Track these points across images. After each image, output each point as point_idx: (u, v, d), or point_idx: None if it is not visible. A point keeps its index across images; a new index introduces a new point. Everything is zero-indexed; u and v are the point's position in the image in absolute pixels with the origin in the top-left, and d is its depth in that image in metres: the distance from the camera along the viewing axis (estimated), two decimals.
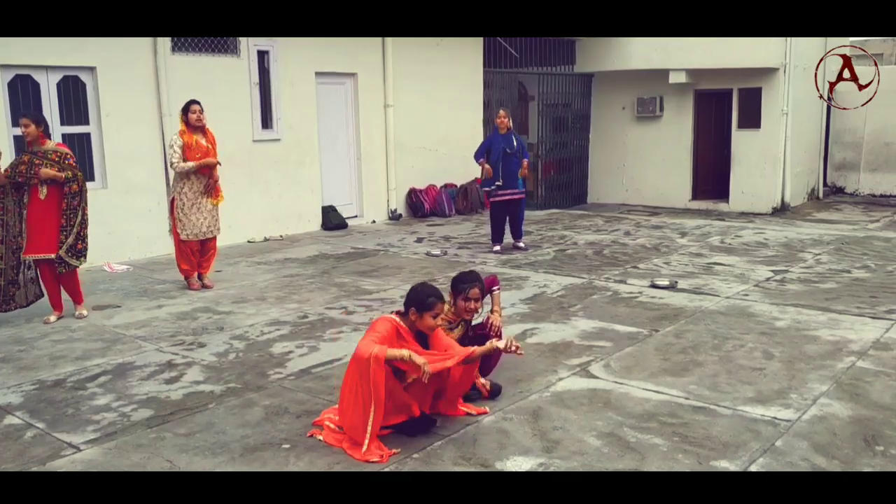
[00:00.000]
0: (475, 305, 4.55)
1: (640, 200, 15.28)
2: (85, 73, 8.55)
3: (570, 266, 8.32)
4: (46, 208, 6.36)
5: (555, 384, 4.79)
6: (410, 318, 4.06)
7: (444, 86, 12.41)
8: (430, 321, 4.04)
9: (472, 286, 4.54)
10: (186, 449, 3.96)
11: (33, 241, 6.36)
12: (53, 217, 6.37)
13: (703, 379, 4.85)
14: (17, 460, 3.86)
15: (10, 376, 5.12)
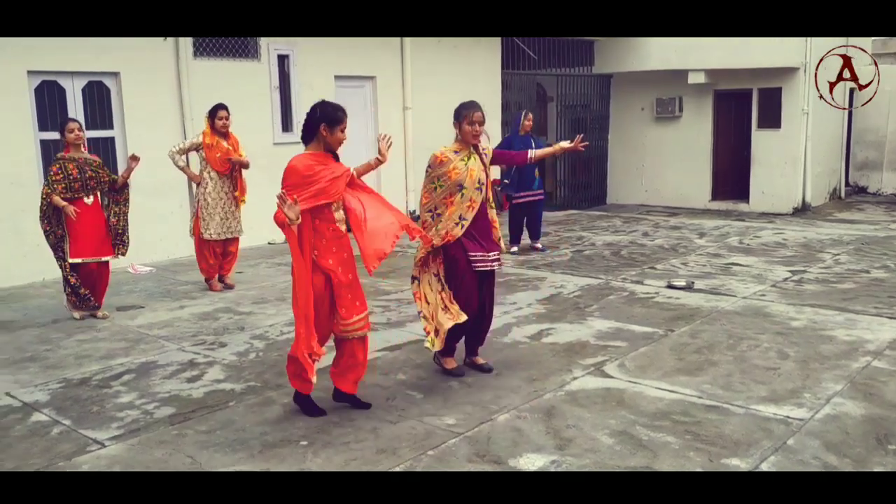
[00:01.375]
0: (479, 129, 4.80)
1: (659, 201, 15.25)
2: (109, 79, 8.72)
3: (587, 267, 8.35)
4: (96, 213, 6.56)
5: (569, 383, 4.85)
6: (323, 136, 4.24)
7: (462, 87, 12.44)
8: (340, 136, 4.25)
9: (475, 110, 4.81)
10: (207, 445, 4.06)
11: (86, 245, 6.53)
12: (102, 220, 6.66)
13: (717, 378, 4.88)
14: (44, 456, 3.98)
15: (37, 375, 5.26)
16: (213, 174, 7.51)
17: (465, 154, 4.86)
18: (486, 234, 4.95)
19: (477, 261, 4.90)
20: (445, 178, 4.81)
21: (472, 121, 4.79)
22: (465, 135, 4.83)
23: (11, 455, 4.00)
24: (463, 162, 4.82)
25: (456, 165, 4.80)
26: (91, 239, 6.55)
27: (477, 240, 4.88)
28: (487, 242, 4.94)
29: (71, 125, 6.43)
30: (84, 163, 6.44)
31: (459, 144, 4.88)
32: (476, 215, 4.86)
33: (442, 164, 4.82)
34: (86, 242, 6.53)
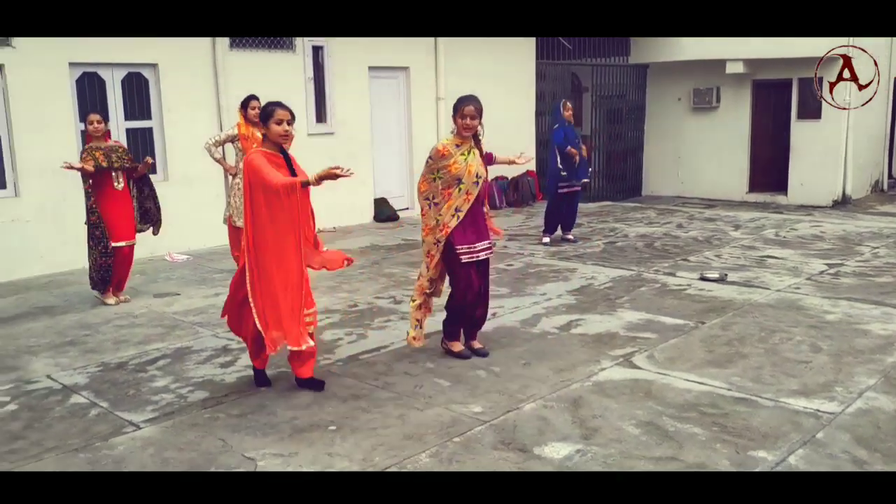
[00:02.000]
0: (472, 122, 4.92)
1: (695, 193, 15.10)
2: (147, 70, 8.88)
3: (619, 258, 8.31)
4: (124, 197, 6.76)
5: (597, 374, 4.85)
6: (265, 135, 4.47)
7: (496, 78, 12.44)
8: (275, 128, 4.39)
9: (468, 104, 4.94)
10: (238, 429, 4.15)
11: (118, 230, 6.75)
12: (130, 205, 6.89)
13: (747, 371, 4.84)
14: (82, 436, 4.11)
15: (76, 358, 5.41)
16: None
17: (465, 148, 5.00)
18: (477, 223, 5.10)
19: (462, 252, 5.03)
20: (445, 171, 4.97)
21: (464, 114, 4.93)
22: (459, 128, 4.97)
23: (51, 435, 4.13)
24: (463, 157, 4.97)
25: (456, 160, 4.95)
26: (126, 222, 6.79)
27: (466, 230, 5.01)
28: (477, 232, 5.08)
29: (91, 117, 6.67)
30: (110, 150, 6.63)
31: (459, 138, 5.01)
32: (473, 206, 5.04)
33: (443, 157, 4.97)
34: (122, 226, 6.74)
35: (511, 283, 7.26)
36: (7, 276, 7.88)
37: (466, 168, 4.95)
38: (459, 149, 4.98)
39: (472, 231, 5.04)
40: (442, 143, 5.07)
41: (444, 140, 5.11)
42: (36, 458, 3.85)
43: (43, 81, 7.99)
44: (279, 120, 4.39)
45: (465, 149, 4.99)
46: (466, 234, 5.01)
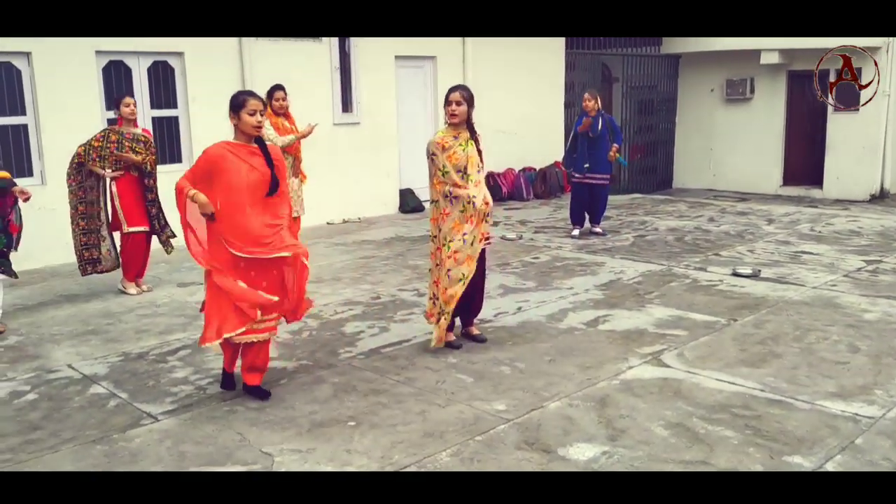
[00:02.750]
0: (457, 108, 4.92)
1: (727, 186, 14.82)
2: (174, 59, 8.85)
3: (648, 252, 8.13)
4: (136, 185, 6.71)
5: (624, 372, 4.71)
6: (237, 128, 4.16)
7: (524, 67, 12.29)
8: (248, 119, 4.08)
9: (452, 90, 4.99)
10: (256, 423, 4.07)
11: (132, 215, 6.70)
12: (141, 193, 6.78)
13: (782, 371, 4.67)
14: (100, 427, 4.06)
15: (98, 348, 5.38)
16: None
17: (463, 139, 4.98)
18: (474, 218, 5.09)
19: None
20: (449, 164, 4.94)
21: (448, 100, 4.97)
22: (447, 116, 5.00)
23: (69, 425, 4.09)
24: (462, 147, 4.96)
25: (455, 151, 4.95)
26: (140, 208, 6.71)
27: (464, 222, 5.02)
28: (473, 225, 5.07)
29: (128, 100, 6.60)
30: (131, 138, 6.56)
31: (452, 129, 5.00)
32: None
33: (444, 149, 4.95)
34: (136, 212, 6.68)
35: (537, 277, 7.12)
36: (34, 263, 7.89)
37: (467, 160, 4.97)
38: (457, 140, 4.97)
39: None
40: (438, 135, 5.05)
41: (438, 133, 5.07)
42: (53, 450, 3.80)
43: (70, 69, 7.98)
44: (252, 110, 4.09)
45: (463, 140, 4.98)
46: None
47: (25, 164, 8.02)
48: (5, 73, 7.79)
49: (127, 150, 6.55)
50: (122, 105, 6.59)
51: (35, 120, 7.95)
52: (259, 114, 4.11)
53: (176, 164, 9.01)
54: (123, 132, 6.59)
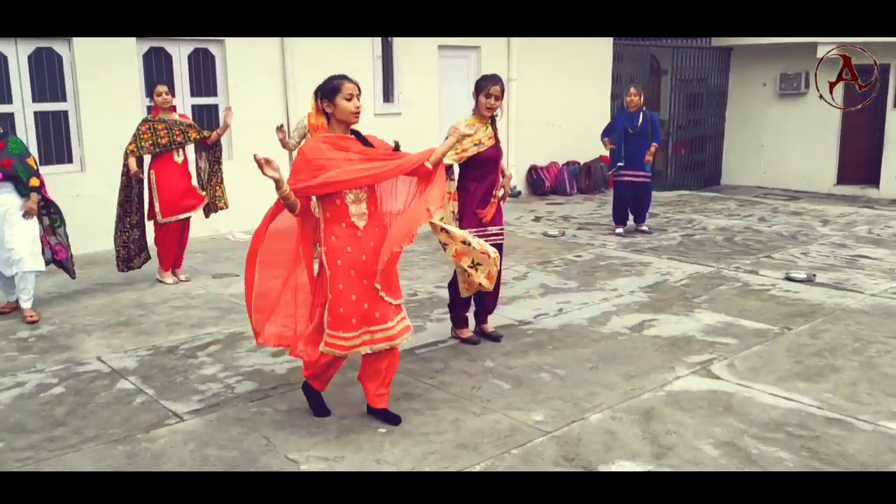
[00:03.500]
0: (496, 103, 4.78)
1: (778, 183, 14.32)
2: (214, 46, 8.75)
3: (696, 253, 7.82)
4: (183, 171, 6.64)
5: (671, 383, 4.45)
6: (331, 115, 3.69)
7: (570, 58, 11.98)
8: (345, 105, 3.64)
9: (494, 83, 4.78)
10: (284, 426, 3.92)
11: (171, 204, 6.61)
12: (188, 179, 6.77)
13: (840, 387, 4.37)
14: (124, 426, 3.95)
15: (128, 340, 5.29)
16: None
17: (482, 126, 4.83)
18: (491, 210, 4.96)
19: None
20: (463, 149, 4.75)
21: (489, 94, 4.76)
22: (481, 107, 4.80)
23: (93, 422, 3.98)
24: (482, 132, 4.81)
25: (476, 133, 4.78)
26: (178, 197, 6.64)
27: (475, 213, 4.89)
28: (489, 217, 4.94)
29: (159, 88, 6.48)
30: (173, 124, 6.47)
31: (478, 118, 4.84)
32: (485, 189, 4.90)
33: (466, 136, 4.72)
34: (173, 201, 6.60)
35: (580, 277, 6.87)
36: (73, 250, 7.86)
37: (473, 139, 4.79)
38: (476, 127, 4.82)
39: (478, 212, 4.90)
40: (460, 122, 4.73)
41: (462, 119, 4.85)
42: (74, 449, 3.70)
43: (110, 56, 7.92)
44: (349, 94, 3.63)
45: (481, 126, 4.84)
46: (475, 217, 4.88)
47: (65, 151, 8.01)
48: (47, 59, 7.76)
49: (178, 135, 6.49)
50: (155, 94, 6.48)
51: (75, 106, 7.92)
52: (357, 98, 3.68)
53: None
54: (165, 119, 6.48)
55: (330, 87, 3.68)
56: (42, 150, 7.86)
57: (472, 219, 4.88)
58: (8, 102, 7.59)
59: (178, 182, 6.66)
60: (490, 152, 4.86)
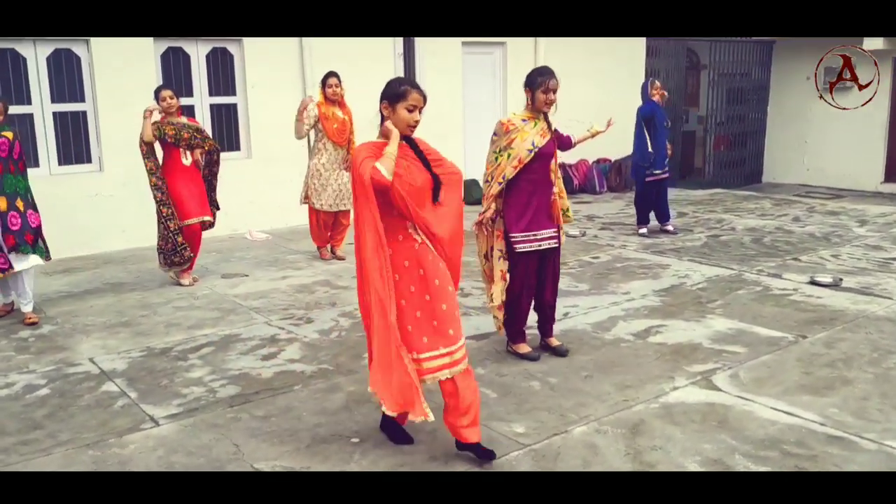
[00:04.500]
0: (553, 97, 4.50)
1: (822, 181, 13.79)
2: (232, 45, 8.75)
3: (720, 254, 7.52)
4: (193, 173, 6.60)
5: (667, 394, 4.24)
6: (386, 119, 3.38)
7: (601, 54, 11.70)
8: (405, 116, 3.34)
9: (551, 77, 4.49)
10: (257, 433, 3.83)
11: (186, 207, 6.56)
12: (200, 181, 6.68)
13: (849, 401, 4.11)
14: (100, 430, 3.91)
15: (125, 341, 5.28)
16: (329, 144, 7.33)
17: (532, 123, 4.53)
18: (538, 207, 4.58)
19: (518, 241, 4.56)
20: (509, 147, 4.50)
21: (548, 88, 4.47)
22: (539, 103, 4.51)
23: (70, 426, 3.95)
24: (532, 127, 4.51)
25: (523, 130, 4.49)
26: (194, 199, 6.59)
27: (523, 214, 4.53)
28: (538, 218, 4.57)
29: (163, 93, 6.38)
30: (181, 127, 6.41)
31: (529, 112, 4.56)
32: (532, 188, 4.54)
33: (508, 132, 4.51)
34: (190, 203, 6.56)
35: (593, 279, 6.65)
36: (89, 249, 7.98)
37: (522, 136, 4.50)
38: (527, 123, 4.52)
39: (531, 215, 4.54)
40: (508, 115, 4.63)
41: (510, 113, 4.65)
42: (45, 453, 3.66)
43: (128, 55, 7.97)
44: (412, 106, 3.34)
45: (533, 123, 4.53)
46: (523, 218, 4.53)
47: (84, 151, 8.09)
48: (65, 60, 7.84)
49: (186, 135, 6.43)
50: (159, 99, 6.40)
51: (94, 107, 7.99)
52: (419, 112, 3.38)
53: (234, 153, 8.95)
54: (174, 122, 6.43)
55: (395, 91, 3.38)
56: (61, 151, 7.95)
57: (519, 223, 4.53)
58: (27, 103, 7.69)
59: (189, 186, 6.56)
60: (546, 148, 4.54)
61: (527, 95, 4.57)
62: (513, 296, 4.67)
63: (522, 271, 4.62)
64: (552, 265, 4.75)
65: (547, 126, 4.57)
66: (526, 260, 4.60)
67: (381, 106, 3.43)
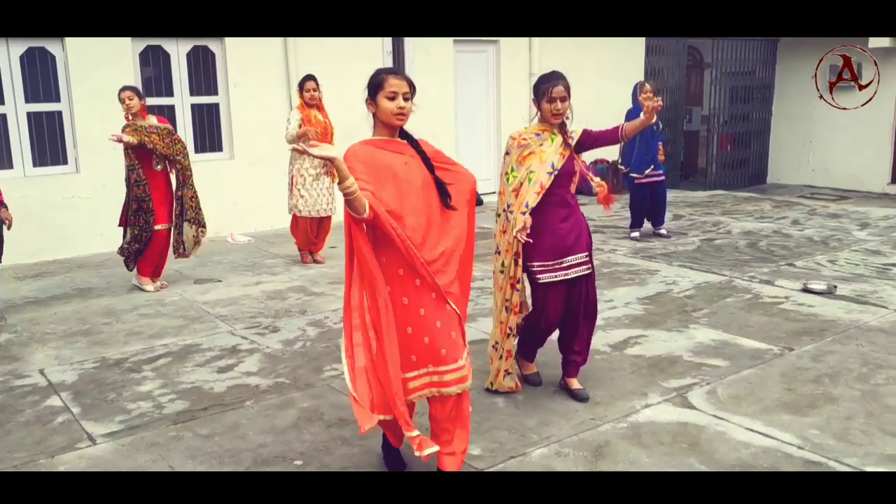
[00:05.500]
0: (562, 106, 3.87)
1: (827, 182, 13.45)
2: (214, 43, 8.55)
3: (712, 259, 7.25)
4: (164, 180, 6.39)
5: (638, 412, 3.99)
6: (375, 116, 3.12)
7: (597, 52, 11.44)
8: (386, 105, 3.04)
9: (555, 84, 3.87)
10: (196, 455, 3.61)
11: (164, 211, 6.39)
12: (169, 189, 6.44)
13: (832, 421, 3.84)
14: (33, 449, 3.70)
15: (80, 351, 5.08)
16: None
17: (547, 136, 3.96)
18: (560, 231, 3.99)
19: (538, 270, 3.99)
20: (522, 166, 3.95)
21: (552, 97, 3.87)
22: (546, 115, 3.93)
23: (2, 445, 3.75)
24: (544, 145, 3.93)
25: (533, 150, 3.92)
26: (167, 205, 6.38)
27: (543, 240, 3.94)
28: (561, 243, 3.98)
29: (122, 94, 6.15)
30: (151, 131, 6.17)
31: (543, 125, 4.00)
32: (553, 209, 3.96)
33: (520, 147, 3.96)
34: (163, 209, 6.36)
35: None
36: (66, 252, 7.80)
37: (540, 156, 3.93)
38: (540, 137, 3.95)
39: (552, 241, 3.96)
40: (518, 131, 4.07)
41: (521, 128, 4.11)
42: None
43: (105, 55, 7.78)
44: (392, 93, 3.05)
45: (547, 136, 3.96)
46: (543, 245, 3.96)
47: (60, 152, 7.92)
48: (39, 59, 7.67)
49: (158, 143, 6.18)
50: (120, 100, 6.16)
51: (69, 107, 7.81)
52: (402, 98, 3.07)
53: (216, 153, 8.77)
54: (140, 126, 6.17)
55: (373, 82, 3.11)
56: (36, 152, 7.78)
57: (540, 250, 3.98)
58: (1, 103, 7.51)
59: (159, 190, 6.36)
60: (566, 167, 3.96)
61: (535, 107, 4.03)
62: (530, 320, 4.17)
63: (540, 303, 4.05)
64: (584, 295, 4.11)
65: (563, 141, 3.98)
66: (545, 291, 4.03)
67: (366, 103, 3.14)
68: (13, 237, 6.92)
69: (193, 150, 8.46)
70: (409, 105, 3.11)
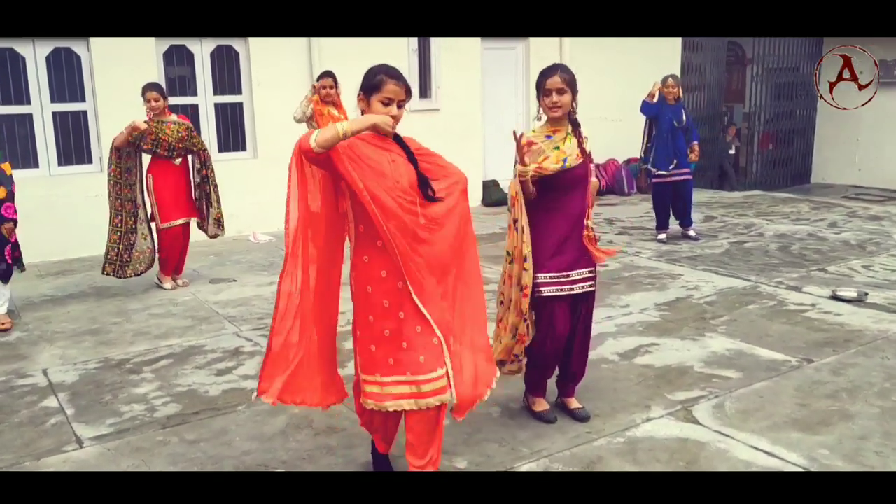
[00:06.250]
0: (558, 98, 3.61)
1: (874, 182, 12.98)
2: (238, 42, 8.55)
3: (739, 263, 6.99)
4: (181, 175, 6.44)
5: (637, 426, 3.82)
6: (364, 112, 3.00)
7: (633, 48, 11.14)
8: (379, 109, 2.91)
9: (550, 76, 3.64)
10: (179, 461, 3.56)
11: (173, 208, 6.40)
12: (187, 184, 6.52)
13: (844, 441, 3.62)
14: (21, 451, 3.70)
15: (85, 351, 5.09)
16: None
17: (560, 137, 3.68)
18: (568, 241, 3.73)
19: (543, 283, 3.70)
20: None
21: (547, 89, 3.63)
22: (544, 108, 3.70)
23: None
24: (556, 147, 3.65)
25: (548, 156, 3.63)
26: (177, 201, 6.43)
27: (550, 250, 3.70)
28: (568, 254, 3.73)
29: (148, 94, 6.19)
30: (173, 126, 6.23)
31: (550, 125, 3.74)
32: (560, 218, 3.72)
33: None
34: (175, 205, 6.39)
35: None
36: (88, 251, 7.86)
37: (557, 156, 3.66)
38: (551, 139, 3.68)
39: (559, 251, 3.72)
40: (529, 132, 3.80)
41: (531, 129, 3.83)
42: None
43: (129, 54, 7.83)
44: (387, 99, 2.93)
45: (560, 138, 3.69)
46: (549, 255, 3.71)
47: (85, 151, 8.00)
48: (65, 59, 7.75)
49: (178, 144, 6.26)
50: (145, 100, 6.21)
51: (94, 106, 7.89)
52: (396, 106, 2.94)
53: (240, 153, 8.78)
54: (164, 121, 6.20)
55: (370, 81, 2.97)
56: (61, 151, 7.88)
57: (546, 261, 3.71)
58: (27, 103, 7.62)
59: (176, 185, 6.43)
60: (577, 170, 3.69)
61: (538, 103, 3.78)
62: (534, 345, 3.85)
63: (546, 320, 3.76)
64: (584, 314, 3.89)
65: (579, 143, 3.72)
66: (550, 306, 3.75)
67: (358, 98, 3.03)
68: (38, 236, 7.07)
69: (217, 150, 8.49)
70: (401, 112, 2.99)
